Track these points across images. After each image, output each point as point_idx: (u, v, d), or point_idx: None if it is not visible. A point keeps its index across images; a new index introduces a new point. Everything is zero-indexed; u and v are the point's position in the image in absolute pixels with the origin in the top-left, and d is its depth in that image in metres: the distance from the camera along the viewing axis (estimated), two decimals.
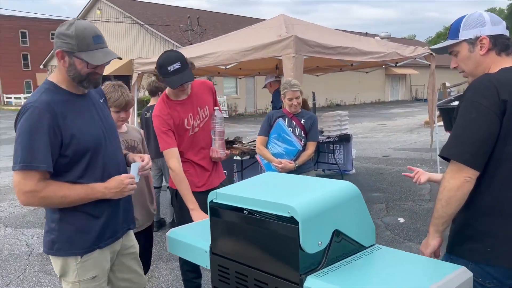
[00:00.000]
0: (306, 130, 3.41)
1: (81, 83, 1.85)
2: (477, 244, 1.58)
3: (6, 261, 4.23)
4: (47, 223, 1.92)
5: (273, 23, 5.68)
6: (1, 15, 40.27)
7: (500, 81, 1.53)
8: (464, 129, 1.54)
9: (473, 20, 1.64)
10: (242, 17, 30.40)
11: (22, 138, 1.71)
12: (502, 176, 1.53)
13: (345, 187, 1.58)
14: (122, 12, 23.86)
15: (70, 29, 1.77)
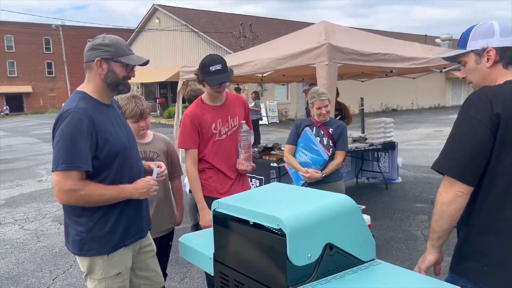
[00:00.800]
0: (335, 139, 3.38)
1: (117, 87, 2.01)
2: (473, 263, 1.53)
3: (56, 256, 4.57)
4: (72, 227, 2.02)
5: (313, 30, 5.68)
6: (70, 26, 43.35)
7: (496, 94, 1.47)
8: (456, 143, 1.50)
9: (482, 31, 1.58)
10: (296, 22, 30.37)
11: (64, 140, 1.85)
12: (497, 193, 1.47)
13: (341, 201, 1.57)
14: (179, 21, 24.77)
15: (106, 40, 1.97)
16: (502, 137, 1.44)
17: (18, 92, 46.60)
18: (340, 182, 3.45)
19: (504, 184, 1.46)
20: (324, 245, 1.48)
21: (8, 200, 7.45)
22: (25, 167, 11.13)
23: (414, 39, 36.58)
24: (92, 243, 2.00)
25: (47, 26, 43.71)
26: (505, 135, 1.44)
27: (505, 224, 1.46)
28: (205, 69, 2.65)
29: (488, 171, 1.48)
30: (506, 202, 1.47)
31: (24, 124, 27.47)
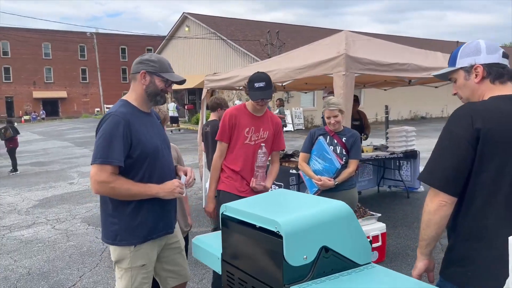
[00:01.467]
0: (348, 148, 3.47)
1: (155, 97, 2.31)
2: (459, 268, 1.61)
3: (84, 255, 4.83)
4: (106, 218, 2.30)
5: (334, 40, 5.77)
6: (103, 33, 44.83)
7: (477, 110, 1.56)
8: (439, 156, 1.60)
9: (469, 49, 1.68)
10: (324, 29, 30.36)
11: (103, 139, 2.14)
12: (479, 203, 1.56)
13: (337, 207, 1.69)
14: (207, 28, 25.25)
15: (152, 57, 2.31)
16: (482, 151, 1.52)
17: (54, 97, 48.48)
18: (353, 190, 3.53)
19: (485, 194, 1.54)
20: (320, 248, 1.60)
21: (41, 201, 7.85)
22: (58, 169, 11.64)
23: (445, 45, 35.87)
24: (124, 234, 2.25)
25: (82, 34, 45.46)
26: (484, 149, 1.52)
27: (487, 232, 1.54)
28: (250, 84, 3.02)
29: (470, 182, 1.56)
30: (487, 211, 1.54)
31: (58, 128, 28.55)
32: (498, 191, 1.53)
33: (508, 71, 1.65)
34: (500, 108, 1.56)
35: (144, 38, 50.95)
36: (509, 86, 1.65)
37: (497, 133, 1.52)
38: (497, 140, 1.52)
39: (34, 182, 9.95)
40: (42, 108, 47.15)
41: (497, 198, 1.53)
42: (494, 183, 1.53)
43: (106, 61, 48.09)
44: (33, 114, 43.86)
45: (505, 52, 1.67)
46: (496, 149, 1.52)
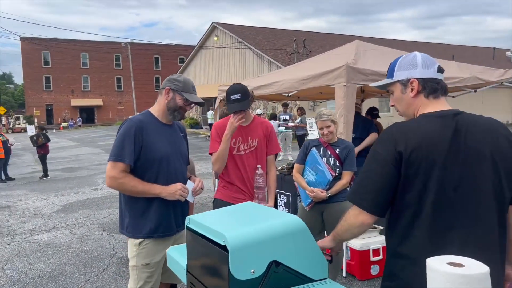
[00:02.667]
0: (341, 160, 3.45)
1: (173, 112, 2.58)
2: (390, 283, 1.63)
3: (93, 260, 4.99)
4: (121, 210, 2.62)
5: (345, 50, 5.75)
6: (137, 43, 46.22)
7: (401, 132, 1.57)
8: (365, 178, 1.62)
9: (406, 62, 1.67)
10: (353, 36, 30.08)
11: (117, 140, 2.46)
12: (404, 222, 1.56)
13: (290, 221, 1.69)
14: (236, 38, 25.56)
15: (180, 78, 2.61)
16: (405, 172, 1.52)
17: (91, 105, 50.30)
18: (347, 202, 3.48)
19: (409, 215, 1.54)
20: (269, 262, 1.61)
21: (65, 206, 8.16)
22: (85, 175, 12.06)
23: (481, 52, 34.70)
24: (131, 227, 2.54)
25: (117, 44, 46.93)
26: (407, 171, 1.52)
27: (413, 250, 1.54)
28: (227, 97, 3.10)
29: (396, 202, 1.57)
30: (412, 230, 1.54)
31: (92, 135, 29.57)
32: (421, 211, 1.52)
33: (441, 86, 1.65)
34: (425, 128, 1.56)
35: (177, 48, 52.10)
36: (442, 101, 1.64)
37: (418, 155, 1.51)
38: (419, 161, 1.51)
39: (61, 187, 10.35)
40: (79, 115, 48.98)
41: (420, 218, 1.53)
42: (417, 203, 1.53)
43: (140, 70, 49.46)
44: (71, 121, 45.66)
45: (440, 67, 1.66)
46: (418, 170, 1.51)
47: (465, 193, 1.51)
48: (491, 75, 5.37)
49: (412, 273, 1.52)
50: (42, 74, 48.34)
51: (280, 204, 5.94)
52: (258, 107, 21.61)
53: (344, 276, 4.19)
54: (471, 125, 1.56)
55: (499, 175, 1.52)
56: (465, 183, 1.51)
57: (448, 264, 1.07)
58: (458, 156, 1.51)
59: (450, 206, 1.51)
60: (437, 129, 1.55)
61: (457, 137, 1.53)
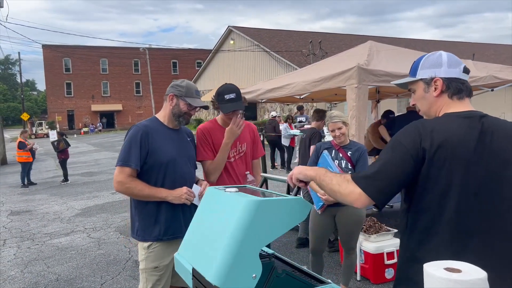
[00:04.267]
0: (353, 162, 3.41)
1: (179, 118, 2.62)
2: (405, 286, 1.58)
3: (109, 263, 5.06)
4: (131, 215, 2.66)
5: (357, 51, 5.72)
6: (155, 48, 46.79)
7: (427, 129, 1.50)
8: (381, 165, 1.52)
9: (431, 61, 1.61)
10: (369, 36, 29.81)
11: (124, 145, 2.52)
12: (423, 225, 1.50)
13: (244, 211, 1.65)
14: (252, 41, 25.64)
15: (183, 83, 2.64)
16: (427, 172, 1.46)
17: (110, 110, 51.16)
18: None
19: (428, 218, 1.49)
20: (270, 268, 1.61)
21: (83, 210, 8.31)
22: (104, 180, 12.26)
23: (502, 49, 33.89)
24: (140, 231, 2.58)
25: (136, 49, 47.65)
26: (430, 170, 1.46)
27: (428, 255, 1.46)
28: (220, 97, 2.86)
29: (413, 203, 1.51)
30: (431, 235, 1.49)
31: (112, 140, 30.06)
32: (442, 215, 1.47)
33: (466, 87, 1.59)
34: (451, 127, 1.50)
35: (194, 52, 52.58)
36: (466, 102, 1.58)
37: (443, 154, 1.45)
38: (443, 161, 1.45)
39: (80, 191, 10.54)
40: (99, 120, 49.87)
41: (441, 222, 1.47)
42: (437, 206, 1.47)
43: (158, 74, 50.03)
44: (91, 126, 46.53)
45: (466, 67, 1.60)
46: (441, 170, 1.45)
47: (487, 197, 1.45)
48: (509, 73, 5.24)
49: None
50: (64, 81, 49.41)
51: None
52: (274, 109, 21.61)
53: (358, 280, 4.14)
54: (497, 128, 1.51)
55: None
56: (488, 187, 1.45)
57: (445, 270, 1.04)
58: (482, 160, 1.46)
59: (471, 211, 1.45)
60: (463, 129, 1.49)
61: (483, 140, 1.47)
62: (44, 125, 44.69)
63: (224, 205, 1.67)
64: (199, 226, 1.83)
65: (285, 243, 5.50)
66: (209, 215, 1.77)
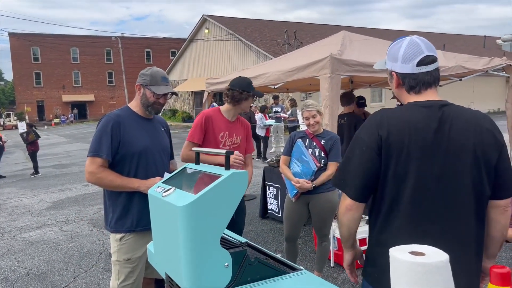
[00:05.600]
0: (327, 151, 3.45)
1: (147, 108, 2.58)
2: (370, 268, 1.66)
3: (82, 256, 4.98)
4: (105, 206, 2.62)
5: (331, 41, 5.74)
6: (128, 37, 45.82)
7: (385, 118, 1.56)
8: (348, 163, 1.61)
9: (391, 54, 1.64)
10: (344, 27, 30.01)
11: (96, 135, 2.47)
12: (384, 210, 1.57)
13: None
14: (226, 30, 25.42)
15: (148, 71, 2.59)
16: (385, 160, 1.52)
17: (82, 101, 49.91)
18: (333, 193, 3.51)
19: (389, 203, 1.55)
20: (242, 256, 1.62)
21: (55, 203, 8.13)
22: (76, 172, 12.01)
23: (472, 40, 34.72)
24: (113, 222, 2.54)
25: (108, 38, 46.53)
26: (387, 161, 1.52)
27: (391, 238, 1.54)
28: (251, 87, 3.23)
29: (377, 192, 1.58)
30: (391, 219, 1.55)
31: (84, 131, 29.40)
32: (399, 201, 1.53)
33: (421, 80, 1.58)
34: (408, 116, 1.54)
35: (168, 41, 51.77)
36: (426, 93, 1.59)
37: (399, 142, 1.50)
38: (400, 149, 1.50)
39: (52, 184, 10.30)
40: (71, 111, 48.60)
41: (399, 207, 1.53)
42: (396, 192, 1.53)
43: (132, 64, 49.03)
44: (63, 117, 45.29)
45: (421, 59, 1.57)
46: (398, 158, 1.51)
47: (445, 185, 1.50)
48: (477, 63, 5.38)
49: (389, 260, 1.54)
50: (32, 70, 47.81)
51: (270, 196, 5.96)
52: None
53: (331, 266, 4.22)
54: (457, 117, 1.54)
55: (480, 170, 1.51)
56: (446, 175, 1.50)
57: (410, 253, 1.08)
58: (441, 148, 1.50)
59: (429, 197, 1.51)
60: (421, 118, 1.53)
61: (441, 129, 1.51)
62: (12, 116, 43.23)
63: (165, 213, 1.66)
64: (158, 232, 1.82)
65: (260, 232, 5.54)
66: (160, 223, 1.77)
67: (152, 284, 2.81)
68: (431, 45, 1.62)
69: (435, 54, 1.60)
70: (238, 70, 17.53)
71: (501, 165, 1.54)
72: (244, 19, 29.80)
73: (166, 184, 1.84)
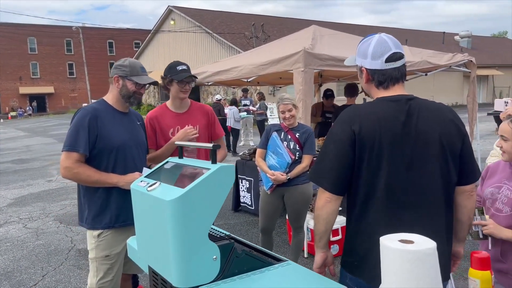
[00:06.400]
0: (301, 144, 3.51)
1: (129, 99, 2.53)
2: (349, 258, 1.72)
3: (50, 254, 4.83)
4: (79, 202, 2.55)
5: (302, 35, 5.80)
6: (90, 27, 44.30)
7: (356, 114, 1.64)
8: (323, 158, 1.69)
9: (361, 50, 1.70)
10: (311, 21, 30.31)
11: (71, 129, 2.39)
12: (360, 201, 1.64)
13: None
14: (193, 22, 25.10)
15: (126, 62, 2.53)
16: (359, 153, 1.60)
17: (41, 93, 47.98)
18: (307, 185, 3.57)
19: (364, 194, 1.63)
20: (230, 248, 1.64)
21: (17, 200, 7.81)
22: (38, 167, 11.58)
23: (432, 36, 35.88)
24: (90, 219, 2.47)
25: (68, 28, 44.89)
26: (360, 151, 1.59)
27: (368, 227, 1.63)
28: (172, 69, 2.88)
29: (353, 184, 1.65)
30: (368, 209, 1.63)
31: (44, 125, 28.32)
32: (375, 191, 1.60)
33: (389, 76, 1.65)
34: (378, 110, 1.62)
35: (131, 32, 50.50)
36: (393, 89, 1.67)
37: (371, 136, 1.58)
38: (372, 142, 1.58)
39: (12, 180, 9.88)
40: (29, 104, 46.65)
41: (375, 197, 1.61)
42: (371, 183, 1.61)
43: (93, 55, 47.59)
44: (20, 110, 43.42)
45: (390, 56, 1.63)
46: (371, 151, 1.58)
47: (415, 174, 1.58)
48: (441, 59, 5.61)
49: (368, 248, 1.61)
50: None
51: (243, 190, 5.98)
52: (218, 92, 21.45)
53: (305, 257, 4.31)
54: (423, 109, 1.62)
55: (446, 158, 1.61)
56: (416, 165, 1.58)
57: (399, 241, 1.13)
58: (410, 139, 1.58)
59: (401, 186, 1.58)
60: (390, 112, 1.61)
61: (409, 121, 1.59)
62: None
63: (151, 208, 1.64)
64: (142, 227, 1.80)
65: (233, 225, 5.57)
66: (145, 218, 1.74)
67: (129, 280, 2.79)
68: (398, 42, 1.69)
69: (402, 51, 1.69)
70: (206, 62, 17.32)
71: (465, 153, 1.65)
72: (210, 11, 29.50)
73: (150, 179, 1.82)
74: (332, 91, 7.06)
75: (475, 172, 1.69)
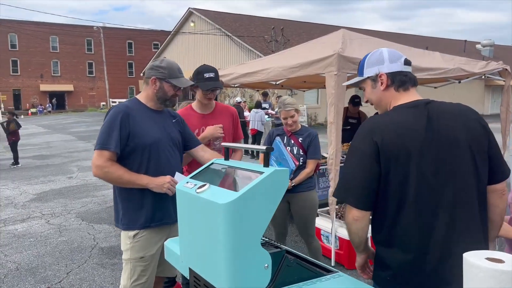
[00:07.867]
0: (305, 148, 3.43)
1: (165, 102, 2.47)
2: (381, 272, 1.67)
3: (73, 251, 4.82)
4: (115, 203, 2.50)
5: (331, 39, 5.70)
6: (110, 28, 44.86)
7: (376, 124, 1.63)
8: (348, 174, 1.65)
9: (373, 59, 1.73)
10: (329, 25, 30.17)
11: (104, 127, 2.34)
12: (390, 212, 1.60)
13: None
14: (213, 24, 25.18)
15: (163, 63, 2.45)
16: (384, 163, 1.56)
17: (61, 91, 48.71)
18: (312, 192, 3.47)
19: (394, 204, 1.58)
20: (282, 256, 1.56)
21: (39, 195, 7.88)
22: (59, 163, 11.69)
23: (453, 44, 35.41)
24: (124, 219, 2.42)
25: (89, 28, 45.57)
26: (386, 162, 1.56)
27: (398, 239, 1.60)
28: (199, 75, 2.88)
29: (380, 194, 1.60)
30: (399, 219, 1.59)
31: (63, 122, 28.70)
32: (405, 200, 1.56)
33: (409, 78, 1.70)
34: (398, 119, 1.61)
35: (151, 33, 50.96)
36: (412, 92, 1.69)
37: (394, 146, 1.56)
38: (396, 153, 1.55)
39: (34, 175, 9.99)
40: (49, 101, 47.41)
41: (405, 207, 1.57)
42: (400, 193, 1.57)
43: (113, 55, 48.16)
44: (40, 107, 44.14)
45: (406, 59, 1.71)
46: (396, 161, 1.55)
47: (444, 177, 1.56)
48: (474, 66, 5.45)
49: (402, 261, 1.58)
50: (9, 58, 46.36)
51: None
52: (236, 95, 21.47)
53: (332, 266, 4.20)
54: (443, 112, 1.62)
55: (474, 157, 1.58)
56: (443, 168, 1.56)
57: (487, 259, 1.04)
58: (433, 143, 1.56)
59: (431, 192, 1.55)
60: (410, 119, 1.60)
61: (431, 125, 1.58)
62: None
63: (201, 210, 1.56)
64: (187, 229, 1.73)
65: None
66: (191, 220, 1.67)
67: (161, 283, 2.73)
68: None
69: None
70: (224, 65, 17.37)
71: (492, 151, 1.62)
72: (230, 13, 29.57)
73: (197, 180, 1.75)
74: (360, 98, 6.94)
75: (504, 170, 1.67)
